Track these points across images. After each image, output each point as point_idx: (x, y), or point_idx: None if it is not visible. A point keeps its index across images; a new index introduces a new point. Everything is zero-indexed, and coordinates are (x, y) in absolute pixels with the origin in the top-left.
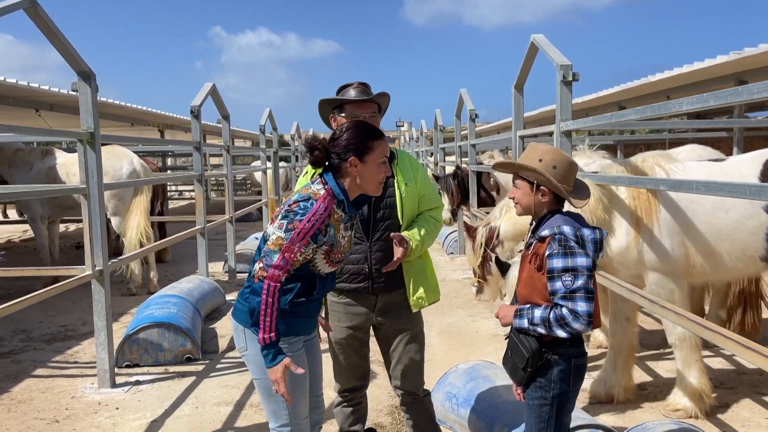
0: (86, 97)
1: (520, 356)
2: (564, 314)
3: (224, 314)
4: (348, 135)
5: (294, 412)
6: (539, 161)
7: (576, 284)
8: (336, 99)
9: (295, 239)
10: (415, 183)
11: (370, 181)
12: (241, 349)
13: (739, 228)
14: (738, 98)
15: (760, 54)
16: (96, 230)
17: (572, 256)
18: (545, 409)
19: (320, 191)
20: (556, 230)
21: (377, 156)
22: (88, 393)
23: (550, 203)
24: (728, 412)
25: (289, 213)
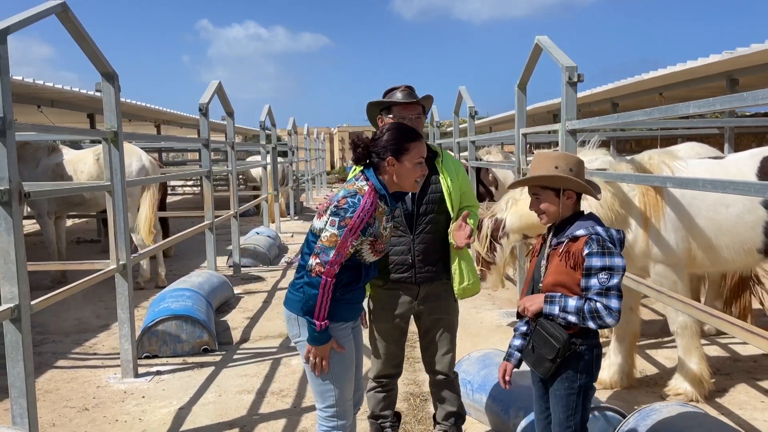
0: (110, 97)
1: (550, 347)
2: (599, 308)
3: (233, 307)
4: (387, 136)
5: (340, 393)
6: (556, 168)
7: (611, 282)
8: (383, 101)
9: (347, 235)
10: (458, 180)
11: (406, 179)
12: (294, 336)
13: (738, 222)
14: (743, 103)
15: (751, 54)
16: (120, 226)
17: (610, 255)
18: (572, 398)
19: (364, 187)
20: (592, 230)
21: (413, 156)
22: (112, 383)
23: (574, 204)
24: (726, 396)
25: (339, 210)
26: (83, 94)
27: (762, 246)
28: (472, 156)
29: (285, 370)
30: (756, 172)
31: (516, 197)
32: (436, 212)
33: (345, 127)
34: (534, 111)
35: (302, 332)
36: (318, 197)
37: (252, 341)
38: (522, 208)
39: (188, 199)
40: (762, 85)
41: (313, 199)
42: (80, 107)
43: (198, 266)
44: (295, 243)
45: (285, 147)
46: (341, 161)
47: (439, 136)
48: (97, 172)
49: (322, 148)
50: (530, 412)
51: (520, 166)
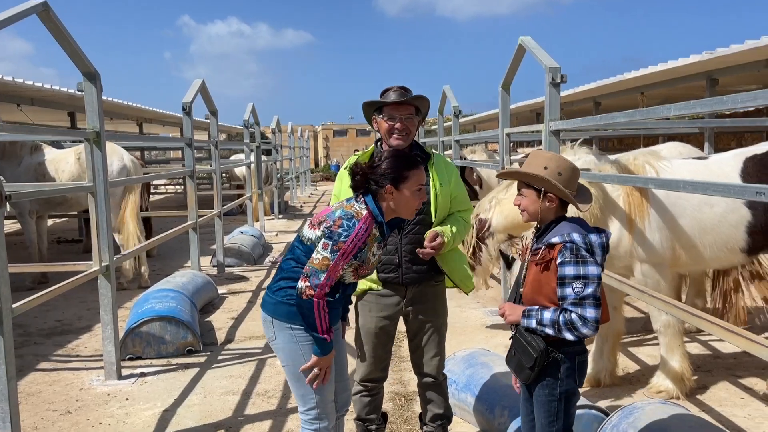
0: (92, 97)
1: (528, 356)
2: (573, 319)
3: (218, 307)
4: (386, 164)
5: (321, 396)
6: (544, 169)
7: (586, 291)
8: (375, 102)
9: (339, 259)
10: (449, 184)
11: (405, 207)
12: (270, 339)
13: (722, 222)
14: (723, 106)
15: (731, 54)
16: (102, 227)
17: (584, 264)
18: (554, 404)
19: (363, 211)
20: (567, 238)
21: (412, 185)
22: (95, 385)
23: (557, 209)
24: (707, 392)
25: (333, 234)
26: (64, 92)
27: (745, 245)
28: (457, 155)
29: (270, 371)
30: (739, 172)
31: (499, 197)
32: (424, 213)
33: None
34: (518, 110)
35: (278, 336)
36: (302, 195)
37: (237, 342)
38: (507, 208)
39: (172, 198)
40: (741, 85)
41: (297, 197)
42: (61, 106)
43: (182, 266)
44: (279, 242)
45: (269, 145)
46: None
47: (424, 135)
48: (79, 171)
49: (306, 146)
50: (515, 411)
51: (504, 166)
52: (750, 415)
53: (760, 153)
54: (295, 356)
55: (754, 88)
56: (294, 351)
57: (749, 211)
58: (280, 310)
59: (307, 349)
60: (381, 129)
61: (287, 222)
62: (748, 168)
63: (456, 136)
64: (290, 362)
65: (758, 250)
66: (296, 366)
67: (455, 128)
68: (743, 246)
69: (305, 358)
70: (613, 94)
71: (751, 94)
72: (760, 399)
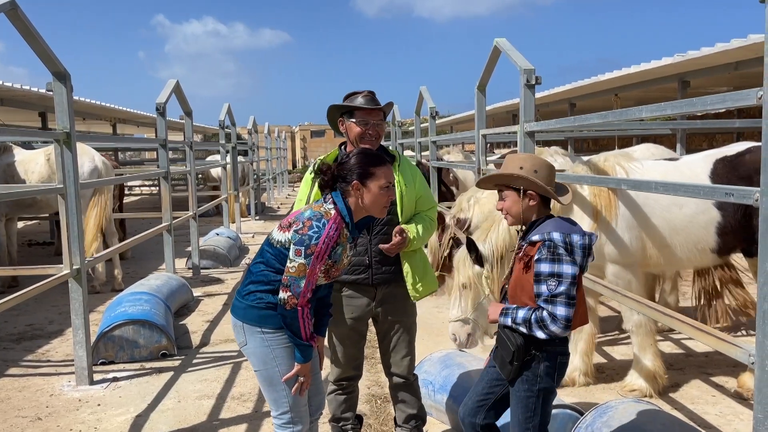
0: (62, 97)
1: (507, 351)
2: (544, 317)
3: (193, 310)
4: (354, 160)
5: (294, 400)
6: (520, 168)
7: (559, 290)
8: (348, 105)
9: (315, 262)
10: (414, 185)
11: (373, 204)
12: (241, 344)
13: (692, 223)
14: (693, 108)
15: (702, 57)
16: (73, 229)
17: (559, 262)
18: (531, 400)
19: (331, 211)
20: (546, 236)
21: (380, 181)
22: (66, 390)
23: (539, 207)
24: (679, 391)
25: (304, 237)
26: (34, 92)
27: (715, 246)
28: (434, 156)
29: (246, 374)
30: (709, 173)
31: (478, 196)
32: (393, 214)
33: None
34: (494, 111)
35: (249, 340)
36: (279, 196)
37: (212, 345)
38: (486, 207)
39: (146, 199)
40: (712, 86)
41: (274, 198)
42: (31, 106)
43: (156, 268)
44: (256, 243)
45: (245, 146)
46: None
47: (401, 136)
48: (48, 173)
49: (283, 147)
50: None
51: (480, 167)
52: (721, 412)
53: (729, 155)
54: (266, 360)
55: (725, 90)
56: (266, 355)
57: (719, 212)
58: (250, 315)
59: (279, 353)
60: (351, 132)
61: (264, 223)
62: (717, 169)
63: (433, 137)
64: (262, 366)
65: (729, 251)
66: (268, 370)
67: (432, 129)
68: (713, 247)
69: (277, 362)
70: (588, 95)
71: (720, 96)
72: (731, 396)
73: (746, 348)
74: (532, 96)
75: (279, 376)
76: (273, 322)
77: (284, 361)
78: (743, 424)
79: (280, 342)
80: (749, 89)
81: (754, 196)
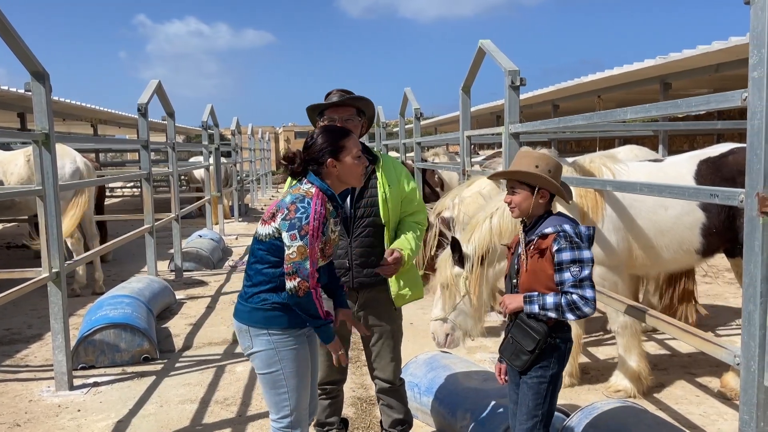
0: (40, 98)
1: (530, 340)
2: (575, 300)
3: (175, 313)
4: (320, 139)
5: (296, 403)
6: (536, 167)
7: (583, 273)
8: (317, 104)
9: (312, 241)
10: (398, 185)
11: (350, 175)
12: (247, 349)
13: (677, 224)
14: (677, 110)
15: (683, 59)
16: (52, 232)
17: (579, 249)
18: (543, 386)
19: (311, 189)
20: (559, 228)
21: (351, 151)
22: (45, 396)
23: (546, 204)
24: (663, 391)
25: (294, 220)
26: (13, 92)
27: (700, 246)
28: (418, 157)
29: (229, 378)
30: (693, 174)
31: (463, 195)
32: (374, 215)
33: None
34: (478, 112)
35: (255, 343)
36: (263, 198)
37: (195, 348)
38: (470, 206)
39: (128, 201)
40: (693, 88)
41: (258, 199)
42: (10, 106)
43: (138, 271)
44: (239, 245)
45: (228, 147)
46: None
47: (386, 137)
48: (29, 174)
49: (267, 148)
50: (476, 414)
51: (465, 168)
52: (705, 412)
53: (713, 156)
54: (271, 363)
55: (705, 92)
56: (271, 357)
57: (703, 213)
58: (256, 317)
59: (284, 355)
60: None
61: (248, 225)
62: (701, 170)
63: (417, 138)
64: (266, 369)
65: (713, 251)
66: (272, 374)
67: (416, 130)
68: (698, 247)
69: (282, 364)
70: (571, 96)
71: (704, 98)
72: (715, 396)
73: (731, 349)
74: (517, 97)
75: (283, 379)
76: (279, 322)
77: (289, 363)
78: (727, 424)
79: (286, 344)
80: (733, 91)
81: (738, 198)
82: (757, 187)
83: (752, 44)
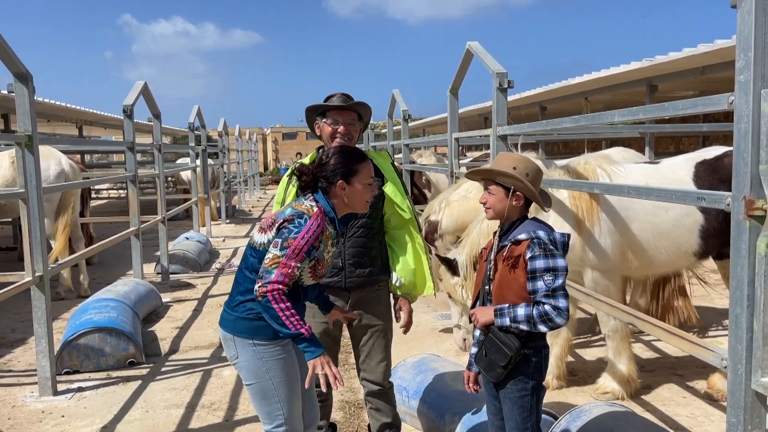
0: (23, 99)
1: (502, 355)
2: (548, 310)
3: (162, 317)
4: (335, 160)
5: (289, 412)
6: (513, 168)
7: (557, 283)
8: (319, 105)
9: (290, 255)
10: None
11: (357, 201)
12: (232, 358)
13: (677, 226)
14: (664, 113)
15: (669, 61)
16: (35, 235)
17: (553, 257)
18: (527, 399)
19: (313, 208)
20: (533, 234)
21: (363, 177)
22: (29, 401)
23: (522, 208)
24: (651, 393)
25: (284, 230)
26: None
27: (698, 249)
28: (406, 159)
29: (216, 382)
30: (692, 176)
31: (450, 198)
32: (368, 216)
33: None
34: (466, 114)
35: (240, 354)
36: (251, 199)
37: (181, 352)
38: (456, 210)
39: (114, 203)
40: (678, 91)
41: (246, 201)
42: None
43: (124, 274)
44: (226, 247)
45: (215, 148)
46: (275, 162)
47: (374, 139)
48: (14, 175)
49: (254, 149)
50: (465, 417)
51: (453, 170)
52: (692, 414)
53: (708, 158)
54: (259, 373)
55: (691, 95)
56: (258, 368)
57: (702, 215)
58: (240, 326)
59: (272, 365)
60: (324, 133)
61: (235, 227)
62: (699, 172)
63: (405, 140)
64: (254, 380)
65: (708, 253)
66: (261, 383)
67: (405, 132)
68: (696, 249)
69: (270, 374)
70: (559, 98)
71: (692, 101)
72: (701, 398)
73: (719, 352)
74: (505, 99)
75: (273, 389)
76: (265, 332)
77: (277, 373)
78: (714, 425)
79: (272, 354)
80: (720, 95)
81: (725, 201)
82: (744, 190)
83: (739, 47)
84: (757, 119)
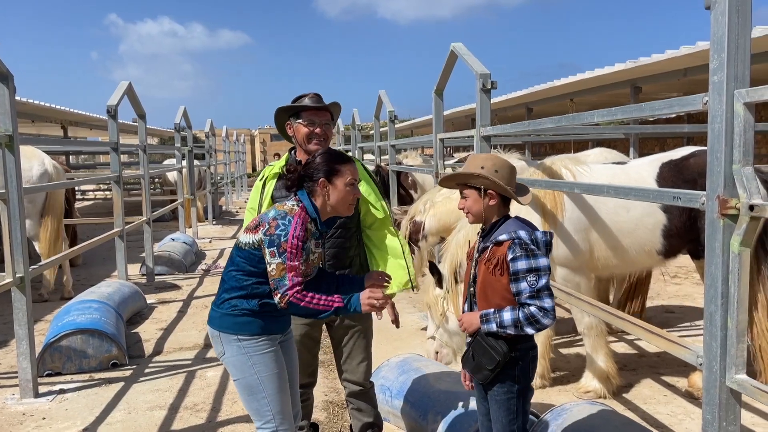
0: (3, 99)
1: (490, 359)
2: (534, 312)
3: (146, 318)
4: (319, 159)
5: (278, 408)
6: (481, 168)
7: (540, 283)
8: (293, 106)
9: (290, 257)
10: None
11: (340, 202)
12: (220, 354)
13: (638, 225)
14: (642, 113)
15: (652, 63)
16: (16, 236)
17: (534, 257)
18: (513, 401)
19: (295, 208)
20: (514, 235)
21: (346, 178)
22: (10, 404)
23: (499, 207)
24: (632, 391)
25: (273, 237)
26: None
27: (661, 248)
28: (393, 160)
29: (200, 383)
30: (655, 177)
31: (434, 199)
32: (346, 217)
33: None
34: (453, 115)
35: (226, 349)
36: (238, 201)
37: (165, 354)
38: (439, 210)
39: (100, 204)
40: (662, 92)
41: (233, 202)
42: None
43: (108, 275)
44: (213, 249)
45: (202, 149)
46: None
47: (361, 140)
48: None
49: (242, 150)
50: (447, 416)
51: (438, 171)
52: (672, 412)
53: (675, 159)
54: (244, 368)
55: (675, 96)
56: (243, 363)
57: (665, 215)
58: (225, 323)
59: (257, 360)
60: (298, 134)
61: (222, 228)
62: (663, 173)
63: (392, 141)
64: (240, 375)
65: (675, 253)
66: (246, 378)
67: (391, 133)
68: (660, 249)
69: (255, 369)
70: (545, 100)
71: (668, 102)
72: (682, 396)
73: (694, 350)
74: (488, 100)
75: (259, 384)
76: (249, 328)
77: (263, 368)
78: (694, 423)
79: (257, 348)
80: (695, 95)
81: (700, 200)
82: (718, 190)
83: (713, 49)
84: (731, 119)
